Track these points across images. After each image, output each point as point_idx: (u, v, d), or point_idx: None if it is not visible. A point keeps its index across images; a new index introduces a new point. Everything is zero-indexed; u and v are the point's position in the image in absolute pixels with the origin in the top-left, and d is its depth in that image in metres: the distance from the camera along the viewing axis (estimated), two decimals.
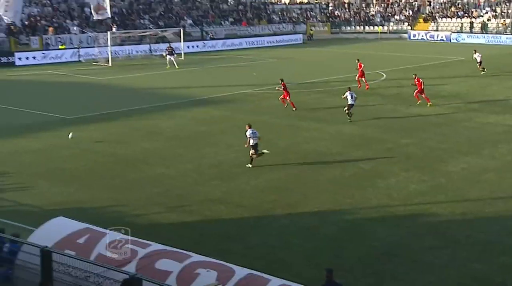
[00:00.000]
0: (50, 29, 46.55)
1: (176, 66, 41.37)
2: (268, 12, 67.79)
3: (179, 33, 47.67)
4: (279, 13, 68.05)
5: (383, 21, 68.94)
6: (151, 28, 51.65)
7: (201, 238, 13.99)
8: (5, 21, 43.04)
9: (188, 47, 49.91)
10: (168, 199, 16.55)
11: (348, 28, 68.38)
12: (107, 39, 43.25)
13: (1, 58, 40.72)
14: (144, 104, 29.05)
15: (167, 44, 44.25)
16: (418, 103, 29.08)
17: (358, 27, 68.30)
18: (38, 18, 47.98)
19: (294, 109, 27.62)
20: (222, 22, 61.11)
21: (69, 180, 17.81)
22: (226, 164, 19.72)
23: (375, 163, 19.93)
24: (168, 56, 42.03)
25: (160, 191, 17.15)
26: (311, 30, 64.41)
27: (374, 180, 18.09)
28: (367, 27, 68.08)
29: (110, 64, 42.22)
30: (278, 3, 72.86)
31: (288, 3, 72.75)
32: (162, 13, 57.75)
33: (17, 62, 41.37)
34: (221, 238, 14.06)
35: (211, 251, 11.62)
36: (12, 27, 44.71)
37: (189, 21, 58.22)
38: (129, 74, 38.93)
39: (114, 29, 47.87)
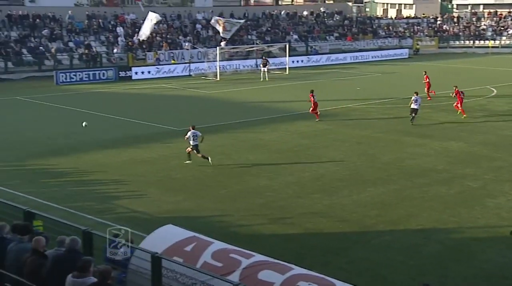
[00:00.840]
0: (165, 45, 48.71)
1: (266, 79, 42.05)
2: (374, 26, 66.84)
3: (284, 48, 48.16)
4: (385, 27, 66.90)
5: (494, 35, 65.76)
6: (258, 44, 52.60)
7: (303, 250, 13.96)
8: (139, 39, 45.68)
9: (293, 61, 50.24)
10: (271, 211, 16.69)
11: (457, 42, 65.87)
12: (216, 54, 44.56)
13: (120, 72, 43.05)
14: (249, 117, 29.57)
15: (262, 58, 45.07)
16: (458, 113, 28.93)
17: (467, 42, 65.60)
18: (154, 34, 50.34)
19: (317, 119, 28.27)
20: (327, 37, 61.01)
21: (178, 189, 18.45)
22: (328, 177, 19.62)
23: (483, 181, 19.01)
24: (262, 68, 43.03)
25: (263, 202, 17.34)
26: (418, 44, 62.71)
27: (482, 199, 17.24)
28: (477, 42, 65.24)
29: (218, 79, 43.40)
30: (384, 17, 71.68)
31: (395, 18, 71.34)
32: (269, 28, 58.64)
33: (134, 76, 43.54)
34: (323, 251, 13.95)
35: (313, 264, 11.57)
36: (130, 43, 47.28)
37: (295, 37, 58.69)
38: (235, 88, 39.82)
39: (223, 45, 49.22)
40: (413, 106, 26.90)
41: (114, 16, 51.28)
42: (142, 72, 44.17)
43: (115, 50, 46.96)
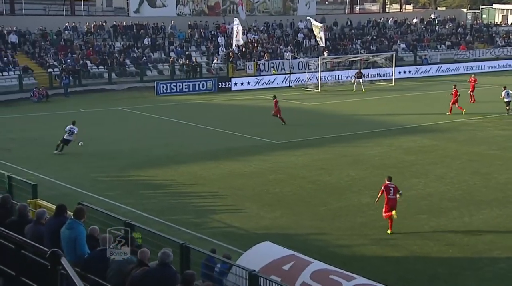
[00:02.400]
0: (266, 55, 49.50)
1: (363, 90, 41.83)
2: (491, 34, 64.10)
3: (391, 57, 47.34)
4: (504, 35, 63.94)
5: None
6: (362, 53, 52.10)
7: (407, 275, 13.63)
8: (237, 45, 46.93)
9: (399, 72, 49.25)
10: (373, 230, 16.44)
11: None
12: (318, 64, 44.62)
13: (219, 83, 44.22)
14: (351, 130, 29.35)
15: (356, 70, 44.79)
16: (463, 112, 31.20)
17: None
18: (255, 44, 51.32)
19: (282, 122, 29.80)
20: (438, 46, 59.29)
21: (275, 205, 18.63)
22: (436, 197, 19.05)
23: None
24: (356, 79, 43.01)
25: (365, 221, 17.12)
26: None
27: None
28: None
29: (319, 90, 43.43)
30: (504, 25, 68.50)
31: None
32: (375, 37, 57.94)
33: (233, 87, 44.49)
34: (429, 277, 13.55)
35: None
36: (230, 53, 48.48)
37: (402, 46, 57.55)
38: (337, 99, 39.66)
39: (325, 55, 49.23)
40: (507, 99, 31.08)
41: (215, 25, 52.87)
42: (242, 83, 45.04)
43: (215, 61, 48.35)
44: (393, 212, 16.40)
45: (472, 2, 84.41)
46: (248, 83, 45.28)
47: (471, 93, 35.91)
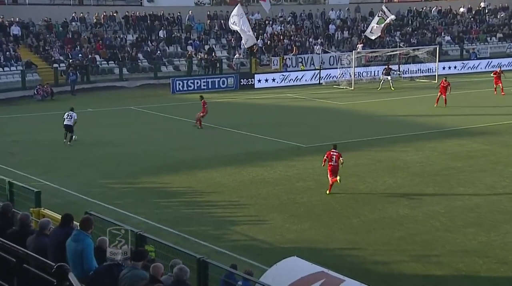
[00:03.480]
0: (294, 48, 49.54)
1: (392, 88, 41.74)
2: None
3: (434, 51, 47.04)
4: None
5: None
6: (401, 47, 51.83)
7: None
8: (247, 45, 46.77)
9: (443, 68, 48.90)
10: (412, 246, 16.35)
11: None
12: (351, 59, 44.53)
13: (241, 80, 44.37)
14: (387, 133, 29.20)
15: (385, 67, 44.72)
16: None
17: None
18: (281, 37, 51.38)
19: (198, 126, 30.43)
20: (488, 39, 58.72)
21: (303, 216, 18.63)
22: (485, 209, 18.87)
23: None
24: (384, 76, 42.91)
25: (403, 235, 17.03)
26: None
27: None
28: None
29: (352, 88, 43.34)
30: None
31: None
32: (416, 28, 57.61)
33: (256, 84, 44.62)
34: None
35: None
36: (253, 47, 48.61)
37: (447, 38, 57.14)
38: (372, 99, 39.52)
39: (359, 48, 49.11)
40: None
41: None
42: (266, 80, 45.16)
43: (236, 55, 48.55)
44: (338, 178, 20.20)
45: None
46: (273, 80, 45.37)
47: (444, 96, 35.39)
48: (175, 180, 22.22)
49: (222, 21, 52.16)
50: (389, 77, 42.85)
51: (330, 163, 20.46)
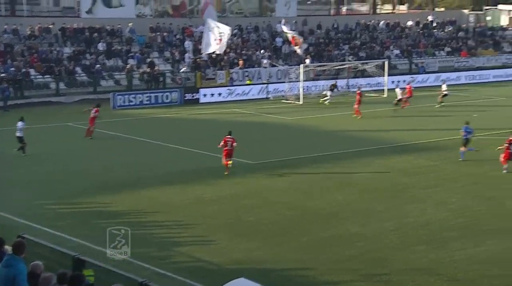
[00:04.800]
0: (241, 62, 49.76)
1: (326, 103, 42.50)
2: (496, 39, 65.37)
3: (382, 65, 47.98)
4: (511, 40, 65.29)
5: None
6: (350, 60, 52.73)
7: None
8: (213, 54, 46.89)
9: (392, 82, 49.72)
10: (363, 264, 16.57)
11: None
12: (299, 73, 44.99)
13: (186, 94, 44.27)
14: (336, 149, 29.60)
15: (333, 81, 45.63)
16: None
17: None
18: (227, 50, 51.50)
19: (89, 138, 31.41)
20: (436, 52, 60.29)
21: (250, 235, 18.68)
22: (435, 225, 19.28)
23: None
24: (328, 92, 43.76)
25: (354, 253, 17.25)
26: None
27: None
28: None
29: (301, 102, 43.74)
30: (510, 28, 69.91)
31: None
32: (364, 42, 58.69)
33: (202, 99, 44.54)
34: None
35: None
36: (198, 60, 48.61)
37: (396, 52, 58.37)
38: (321, 113, 39.96)
39: (307, 62, 49.68)
40: None
41: (181, 29, 53.05)
42: (212, 95, 45.20)
43: (182, 69, 48.47)
44: (230, 161, 24.63)
45: (474, 3, 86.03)
46: (219, 94, 45.45)
47: (406, 99, 39.97)
48: (117, 200, 21.97)
49: (164, 34, 52.04)
50: (329, 94, 43.50)
51: (225, 148, 24.59)
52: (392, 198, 22.11)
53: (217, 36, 44.40)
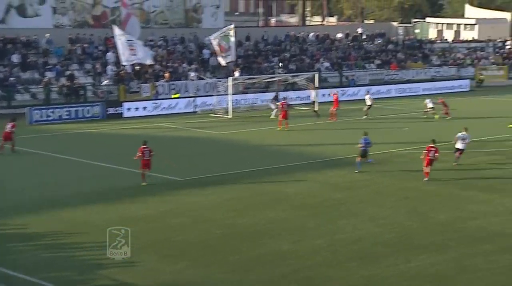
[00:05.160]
0: (166, 74, 49.52)
1: (273, 116, 42.92)
2: (426, 52, 67.39)
3: (313, 78, 48.64)
4: (440, 53, 67.41)
5: None
6: (280, 73, 53.27)
7: None
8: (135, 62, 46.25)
9: (323, 95, 50.57)
10: (295, 284, 16.65)
11: None
12: (228, 86, 45.10)
13: (108, 109, 43.69)
14: (268, 164, 29.74)
15: (274, 94, 46.09)
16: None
17: None
18: (153, 62, 51.17)
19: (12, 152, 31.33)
20: (366, 65, 61.63)
21: (178, 255, 18.51)
22: (368, 241, 19.57)
23: None
24: (271, 105, 44.29)
25: (286, 272, 17.32)
26: (481, 74, 62.94)
27: None
28: None
29: (230, 116, 43.84)
30: (439, 41, 72.27)
31: (452, 41, 71.87)
32: (294, 54, 59.45)
33: (125, 113, 44.07)
34: None
35: None
36: (121, 73, 48.09)
37: (326, 64, 59.33)
38: (251, 127, 40.12)
39: (236, 74, 49.89)
40: (457, 146, 29.14)
41: (102, 39, 52.41)
42: (136, 109, 44.78)
43: (103, 82, 47.84)
44: (147, 171, 25.85)
45: (403, 15, 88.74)
46: (144, 108, 45.08)
47: (334, 111, 41.96)
48: (34, 221, 21.39)
49: (85, 45, 51.31)
50: (273, 106, 44.04)
51: (143, 158, 25.70)
52: (325, 213, 22.35)
53: (126, 45, 43.81)
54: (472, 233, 20.29)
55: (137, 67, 49.00)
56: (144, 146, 25.95)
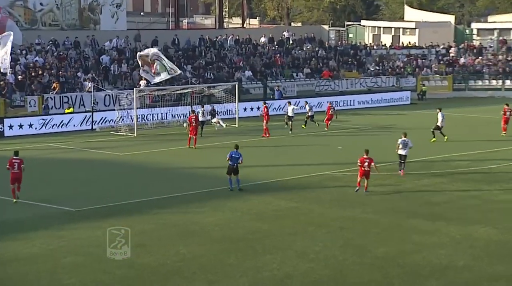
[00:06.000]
0: (55, 85, 48.65)
1: (224, 125, 44.86)
2: (361, 60, 68.60)
3: (232, 89, 48.74)
4: (377, 60, 68.73)
5: None
6: (194, 83, 53.10)
7: None
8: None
9: (244, 109, 50.81)
10: None
11: (480, 83, 68.09)
12: (133, 99, 44.68)
13: None
14: (180, 190, 29.52)
15: (209, 107, 46.67)
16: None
17: (494, 82, 67.98)
18: (40, 71, 50.22)
19: None
20: (295, 74, 62.24)
21: None
22: (297, 280, 19.62)
23: None
24: (213, 120, 45.14)
25: None
26: (423, 85, 64.59)
27: None
28: (508, 82, 67.55)
29: (135, 134, 43.43)
30: (375, 47, 73.76)
31: (390, 47, 73.45)
32: (211, 61, 59.47)
33: (7, 132, 43.16)
34: None
35: None
36: (2, 83, 46.97)
37: (248, 73, 59.57)
38: (160, 148, 39.85)
39: (142, 85, 49.51)
40: (400, 152, 31.90)
41: None
42: (20, 126, 43.96)
43: None
44: (17, 192, 26.98)
45: (334, 18, 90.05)
46: (30, 126, 44.30)
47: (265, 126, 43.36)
48: None
49: None
50: (215, 120, 44.89)
51: (13, 171, 26.87)
52: (247, 248, 22.26)
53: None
54: (416, 268, 20.53)
55: (20, 77, 47.96)
56: (15, 157, 27.21)
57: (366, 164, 28.31)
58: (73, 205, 26.96)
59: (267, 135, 43.06)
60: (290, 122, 44.89)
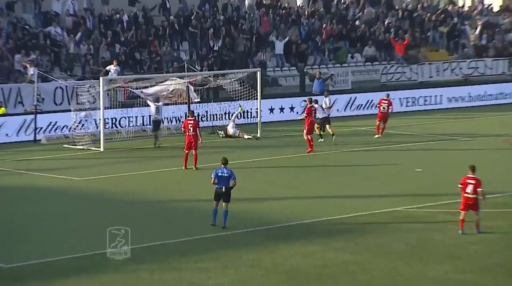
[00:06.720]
0: None
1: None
2: (454, 32, 68.69)
3: (251, 79, 48.84)
4: (478, 33, 68.80)
5: None
6: (193, 69, 52.97)
7: None
8: None
9: (271, 109, 50.85)
10: None
11: None
12: (99, 92, 44.64)
13: None
14: (172, 235, 29.55)
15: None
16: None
17: None
18: None
19: None
20: (349, 55, 62.50)
21: None
22: None
23: None
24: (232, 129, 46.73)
25: None
26: None
27: None
28: None
29: (101, 148, 43.61)
30: (476, 12, 73.78)
31: (500, 11, 73.45)
32: (217, 34, 59.66)
33: None
34: None
35: None
36: None
37: (279, 50, 59.82)
38: (140, 169, 40.13)
39: (111, 71, 49.53)
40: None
41: None
42: None
43: None
44: None
45: None
46: None
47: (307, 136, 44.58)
48: None
49: None
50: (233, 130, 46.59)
51: None
52: None
53: None
54: None
55: None
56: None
57: (470, 188, 27.78)
58: (4, 259, 26.95)
59: (309, 150, 43.43)
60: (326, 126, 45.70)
